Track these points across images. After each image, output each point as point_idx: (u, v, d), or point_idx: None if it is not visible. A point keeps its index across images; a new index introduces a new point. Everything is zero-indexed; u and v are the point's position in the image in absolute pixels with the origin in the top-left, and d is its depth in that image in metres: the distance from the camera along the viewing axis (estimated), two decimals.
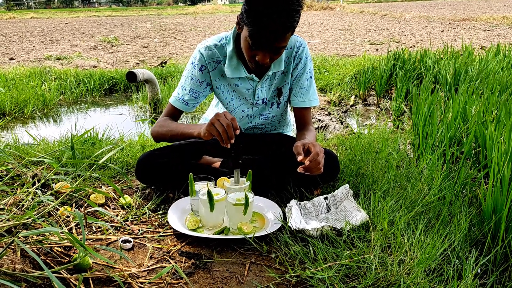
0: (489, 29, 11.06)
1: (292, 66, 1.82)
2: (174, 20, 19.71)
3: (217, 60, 1.77)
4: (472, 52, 4.81)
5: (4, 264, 1.16)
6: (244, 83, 1.81)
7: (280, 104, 1.93)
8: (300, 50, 1.80)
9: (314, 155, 1.51)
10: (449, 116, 2.46)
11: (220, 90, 1.85)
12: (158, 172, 1.83)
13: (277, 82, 1.86)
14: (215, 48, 1.76)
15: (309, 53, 1.86)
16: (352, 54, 7.18)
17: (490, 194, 1.51)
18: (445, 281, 1.26)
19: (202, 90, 1.82)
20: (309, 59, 1.85)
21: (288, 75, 1.84)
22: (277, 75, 1.84)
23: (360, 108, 4.12)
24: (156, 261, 1.43)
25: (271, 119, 1.97)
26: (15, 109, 3.94)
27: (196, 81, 1.80)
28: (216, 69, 1.79)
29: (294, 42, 1.80)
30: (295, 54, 1.80)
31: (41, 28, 15.38)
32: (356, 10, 24.36)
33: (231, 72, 1.75)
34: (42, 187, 1.83)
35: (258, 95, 1.84)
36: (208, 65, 1.78)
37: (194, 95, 1.82)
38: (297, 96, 1.86)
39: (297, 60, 1.81)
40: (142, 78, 3.94)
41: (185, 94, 1.82)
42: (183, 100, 1.83)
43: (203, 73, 1.79)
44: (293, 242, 1.46)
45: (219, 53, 1.77)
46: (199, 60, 1.78)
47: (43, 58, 7.31)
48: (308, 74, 1.85)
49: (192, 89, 1.81)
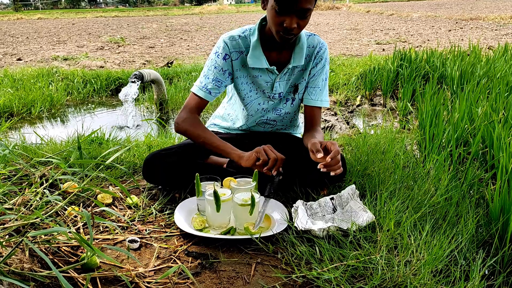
0: (497, 28, 10.98)
1: (312, 64, 1.87)
2: (180, 20, 19.76)
3: (240, 51, 1.81)
4: (479, 52, 4.78)
5: (13, 264, 1.17)
6: (263, 75, 1.85)
7: (294, 101, 1.97)
8: (322, 51, 1.86)
9: (335, 152, 1.52)
10: (456, 116, 2.45)
11: (240, 80, 1.88)
12: (165, 172, 1.84)
13: (294, 78, 1.90)
14: (239, 39, 1.81)
15: (328, 55, 1.90)
16: (358, 54, 7.16)
17: (498, 195, 1.50)
18: (452, 282, 1.26)
19: (225, 79, 1.84)
20: (327, 61, 1.91)
21: (306, 73, 1.89)
22: (296, 71, 1.87)
23: (366, 108, 4.11)
24: (162, 261, 1.43)
25: (284, 115, 2.00)
26: (23, 109, 3.97)
27: (219, 70, 1.82)
28: (238, 59, 1.82)
29: (317, 42, 1.86)
30: (317, 53, 1.86)
31: (48, 29, 15.48)
32: (362, 9, 24.29)
33: (254, 61, 1.79)
34: (50, 187, 1.84)
35: (276, 88, 1.88)
36: (232, 54, 1.81)
37: (217, 84, 1.83)
38: (310, 94, 1.90)
39: (318, 60, 1.87)
40: (149, 78, 3.96)
41: (208, 83, 1.83)
42: (206, 88, 1.83)
43: (226, 62, 1.82)
44: (299, 242, 1.46)
45: (242, 44, 1.81)
46: (223, 49, 1.81)
47: (50, 59, 7.36)
48: (325, 75, 1.91)
49: (215, 78, 1.83)
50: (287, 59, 1.83)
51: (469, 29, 11.18)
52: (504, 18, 13.46)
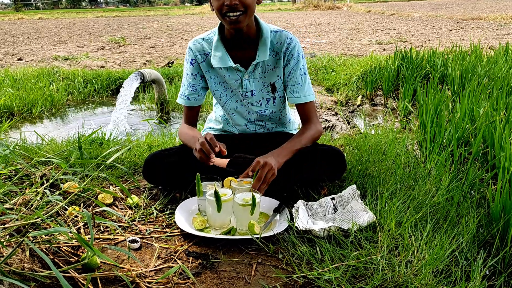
0: (498, 28, 10.96)
1: (284, 62, 1.86)
2: (181, 20, 19.76)
3: (205, 53, 1.88)
4: (481, 52, 4.77)
5: (14, 264, 1.17)
6: (231, 74, 1.87)
7: (275, 99, 1.96)
8: (291, 46, 1.83)
9: (256, 165, 1.63)
10: (457, 116, 2.45)
11: (212, 81, 1.93)
12: (165, 172, 1.84)
13: (268, 77, 1.89)
14: (203, 41, 1.88)
15: (301, 49, 1.89)
16: (359, 54, 7.16)
17: (499, 195, 1.49)
18: (453, 282, 1.26)
19: (198, 82, 1.93)
20: (302, 55, 1.89)
21: (279, 70, 1.88)
22: (267, 69, 1.87)
23: (367, 108, 4.10)
24: (163, 261, 1.43)
25: (270, 115, 2.00)
26: (24, 109, 3.97)
27: (190, 75, 1.92)
28: (205, 61, 1.89)
29: (285, 37, 1.84)
30: (286, 50, 1.84)
31: (49, 29, 15.49)
32: (363, 9, 24.27)
33: (217, 61, 1.83)
34: (50, 187, 1.84)
35: (245, 86, 1.88)
36: (197, 57, 1.88)
37: (192, 89, 1.93)
38: (293, 92, 1.89)
39: (289, 56, 1.84)
40: (149, 78, 3.96)
41: (185, 90, 1.95)
42: (184, 95, 1.95)
43: (194, 66, 1.91)
44: (300, 242, 1.46)
45: (207, 46, 1.87)
46: (188, 54, 1.91)
47: (51, 59, 7.36)
48: (302, 70, 1.88)
49: (189, 83, 1.93)
50: (253, 55, 1.84)
51: (470, 29, 11.17)
52: (505, 18, 13.44)
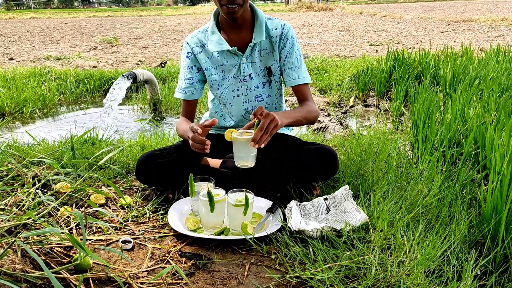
0: (489, 30, 11.08)
1: (280, 46, 1.90)
2: (174, 21, 19.71)
3: (201, 44, 1.92)
4: (472, 53, 4.82)
5: (5, 264, 1.16)
6: (229, 59, 1.89)
7: (271, 83, 1.98)
8: (285, 31, 1.90)
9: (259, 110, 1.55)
10: (448, 117, 2.47)
11: (210, 71, 1.94)
12: (158, 172, 1.83)
13: (264, 61, 1.92)
14: (198, 34, 1.93)
15: (295, 34, 1.94)
16: (351, 55, 7.19)
17: (490, 196, 1.51)
18: (444, 282, 1.27)
19: (194, 75, 1.95)
20: (296, 40, 1.94)
21: (275, 54, 1.91)
22: (263, 53, 1.90)
23: (360, 109, 4.12)
24: (156, 261, 1.43)
25: (266, 100, 1.99)
26: (15, 109, 3.94)
27: (187, 68, 1.95)
28: (201, 52, 1.92)
29: (279, 23, 1.91)
30: (281, 34, 1.89)
31: (41, 28, 15.37)
32: (356, 11, 24.38)
33: (214, 45, 1.86)
34: (42, 187, 1.83)
35: (244, 70, 1.90)
36: (193, 49, 1.92)
37: (189, 82, 1.95)
38: (290, 75, 1.92)
39: (284, 40, 1.90)
40: (142, 78, 3.94)
41: (182, 83, 1.97)
42: (180, 88, 1.97)
43: (190, 59, 1.93)
44: (293, 243, 1.46)
45: (203, 37, 1.92)
46: (185, 48, 1.94)
47: (43, 58, 7.31)
48: (298, 53, 1.93)
49: (186, 77, 1.96)
50: (249, 38, 1.87)
51: (461, 31, 11.27)
52: (495, 20, 13.57)
